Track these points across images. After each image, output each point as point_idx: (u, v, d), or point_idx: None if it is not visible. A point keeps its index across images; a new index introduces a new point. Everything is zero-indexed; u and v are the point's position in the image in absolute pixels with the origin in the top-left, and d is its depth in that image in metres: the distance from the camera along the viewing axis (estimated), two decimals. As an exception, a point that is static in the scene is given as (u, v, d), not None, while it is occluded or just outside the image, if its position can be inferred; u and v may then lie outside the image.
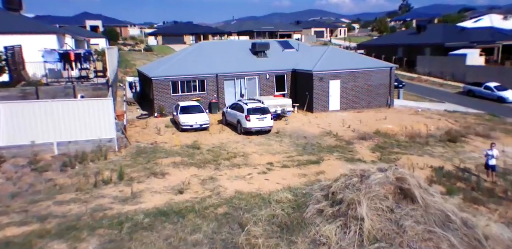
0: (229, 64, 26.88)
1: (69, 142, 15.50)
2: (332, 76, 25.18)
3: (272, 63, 27.85)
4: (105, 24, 71.57)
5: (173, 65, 25.73)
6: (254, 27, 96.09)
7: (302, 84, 26.37)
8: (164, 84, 24.70)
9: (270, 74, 26.99)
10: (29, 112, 14.86)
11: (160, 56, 54.66)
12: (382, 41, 62.50)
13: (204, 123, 20.54)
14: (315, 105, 25.25)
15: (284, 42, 30.79)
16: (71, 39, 25.20)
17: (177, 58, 26.82)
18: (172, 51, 72.05)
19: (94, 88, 20.00)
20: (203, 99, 25.72)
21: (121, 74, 35.47)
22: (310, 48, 30.04)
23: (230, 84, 26.53)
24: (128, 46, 69.49)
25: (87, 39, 38.21)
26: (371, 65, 26.26)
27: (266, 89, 27.21)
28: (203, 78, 25.60)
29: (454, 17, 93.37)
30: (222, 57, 27.60)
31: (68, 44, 21.54)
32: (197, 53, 27.71)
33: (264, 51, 28.47)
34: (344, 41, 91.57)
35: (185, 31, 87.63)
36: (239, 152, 16.93)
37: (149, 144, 17.89)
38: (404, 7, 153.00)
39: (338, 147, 18.10)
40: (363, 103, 26.14)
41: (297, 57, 28.63)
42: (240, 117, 19.86)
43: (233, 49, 28.96)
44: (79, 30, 42.60)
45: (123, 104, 24.76)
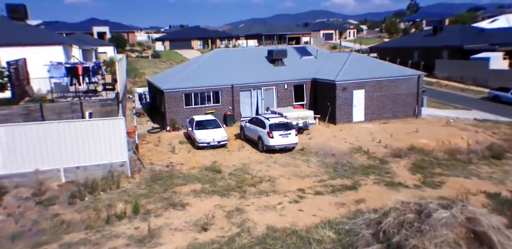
0: (245, 74, 25.31)
1: (77, 168, 13.98)
2: (356, 85, 23.48)
3: (290, 72, 26.22)
4: (112, 30, 70.53)
5: (186, 76, 24.20)
6: (263, 30, 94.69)
7: (323, 94, 24.70)
8: (176, 96, 23.18)
9: (288, 84, 25.36)
10: (33, 135, 13.37)
11: (169, 63, 53.36)
12: (395, 43, 60.56)
13: (222, 140, 18.94)
14: (338, 117, 23.55)
15: (301, 48, 29.15)
16: (78, 49, 23.85)
17: (190, 68, 25.29)
18: (180, 57, 70.88)
19: (103, 104, 18.48)
20: (218, 111, 24.16)
21: (130, 84, 34.07)
22: (330, 55, 28.37)
23: (246, 95, 24.94)
24: (136, 53, 68.37)
25: (95, 48, 36.95)
26: (398, 73, 24.51)
27: (284, 99, 25.57)
28: (218, 89, 24.04)
29: (467, 17, 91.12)
30: (238, 66, 26.04)
31: (75, 56, 20.09)
32: (211, 63, 26.16)
33: (282, 59, 26.86)
34: (354, 43, 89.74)
35: (193, 35, 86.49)
36: (265, 175, 15.28)
37: (165, 166, 16.32)
38: (412, 7, 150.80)
39: (372, 168, 16.38)
40: (389, 114, 24.38)
41: (316, 65, 26.98)
42: (262, 133, 18.23)
43: (248, 58, 27.39)
44: (87, 38, 41.37)
45: (133, 117, 23.26)
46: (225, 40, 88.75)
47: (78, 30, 70.85)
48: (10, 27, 22.42)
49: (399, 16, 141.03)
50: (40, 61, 19.60)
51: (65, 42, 22.75)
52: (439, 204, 10.05)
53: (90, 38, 43.75)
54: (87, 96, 20.01)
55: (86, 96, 20.13)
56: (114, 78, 22.21)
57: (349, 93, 23.45)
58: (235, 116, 24.45)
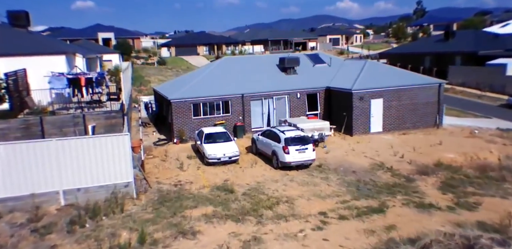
0: (255, 83, 24.14)
1: (78, 190, 12.79)
2: (373, 94, 22.20)
3: (303, 80, 25.02)
4: (117, 37, 69.89)
5: (194, 86, 23.06)
6: (269, 35, 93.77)
7: (338, 103, 23.44)
8: (184, 106, 22.03)
9: (301, 92, 24.14)
10: (29, 154, 12.21)
11: (175, 71, 52.42)
12: (406, 49, 59.23)
13: (234, 155, 17.69)
14: (354, 127, 22.26)
15: (314, 56, 27.95)
16: (82, 58, 22.81)
17: (198, 77, 24.15)
18: (185, 63, 70.03)
19: (107, 117, 17.35)
20: (228, 121, 22.97)
21: (135, 92, 33.02)
22: (344, 63, 27.14)
23: (257, 105, 23.74)
24: (141, 59, 67.59)
25: (100, 56, 36.00)
26: (418, 81, 23.20)
27: (296, 109, 24.33)
28: (228, 99, 22.87)
29: (476, 21, 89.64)
30: (248, 75, 24.89)
31: (78, 66, 18.98)
32: (220, 71, 25.03)
33: (294, 67, 25.66)
34: (362, 48, 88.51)
35: (198, 41, 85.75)
36: (282, 196, 14.00)
37: (173, 186, 15.08)
38: (419, 11, 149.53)
39: (398, 186, 15.03)
40: (409, 124, 23.04)
41: (330, 73, 25.76)
42: (276, 148, 16.96)
43: (259, 66, 26.23)
44: (91, 45, 40.50)
45: (138, 129, 22.12)
46: (231, 46, 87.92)
47: (83, 36, 70.30)
48: (11, 35, 21.43)
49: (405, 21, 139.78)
50: (41, 71, 18.53)
51: (68, 51, 21.70)
52: (492, 239, 8.75)
53: (95, 45, 42.86)
54: (90, 108, 18.89)
55: (89, 107, 19.01)
56: (119, 87, 21.15)
57: (367, 103, 22.17)
58: (245, 127, 23.25)
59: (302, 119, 22.62)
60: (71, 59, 21.99)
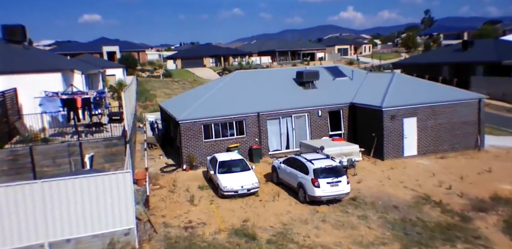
0: (272, 99, 21.85)
1: (67, 241, 10.40)
2: (406, 112, 19.76)
3: (324, 95, 22.68)
4: (122, 50, 68.38)
5: (204, 104, 20.80)
6: (276, 46, 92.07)
7: (365, 122, 21.02)
8: (194, 128, 19.74)
9: (322, 110, 21.77)
10: (8, 200, 9.88)
11: (181, 83, 50.40)
12: (421, 59, 56.90)
13: (253, 187, 15.25)
14: (386, 151, 19.76)
15: (334, 69, 25.64)
16: (80, 75, 20.72)
17: (208, 94, 21.90)
18: (192, 76, 68.14)
19: (107, 144, 15.05)
20: (242, 144, 20.62)
21: (140, 109, 30.86)
22: (367, 76, 24.79)
23: (274, 124, 21.39)
24: (147, 72, 65.86)
25: (103, 70, 34.08)
26: (455, 96, 20.71)
27: (318, 128, 21.93)
28: (242, 118, 20.56)
29: (489, 30, 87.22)
30: (263, 91, 22.62)
31: (74, 85, 16.78)
32: (232, 87, 22.79)
33: (313, 81, 23.37)
34: (372, 58, 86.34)
35: (205, 53, 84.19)
36: (315, 245, 11.48)
37: (182, 229, 12.63)
38: (427, 20, 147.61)
39: (454, 228, 12.47)
40: (446, 146, 20.50)
41: (353, 87, 23.43)
42: (303, 180, 14.50)
43: (274, 80, 23.97)
44: (94, 59, 38.66)
45: (143, 154, 19.80)
46: (238, 57, 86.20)
47: (88, 50, 68.98)
48: (2, 51, 19.40)
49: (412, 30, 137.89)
50: (35, 91, 16.35)
51: (65, 68, 19.59)
52: None
53: (98, 60, 41.01)
54: (89, 132, 16.61)
55: (88, 131, 16.73)
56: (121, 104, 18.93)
57: (399, 122, 19.71)
58: (262, 149, 20.85)
59: (326, 141, 20.19)
60: (68, 77, 19.86)
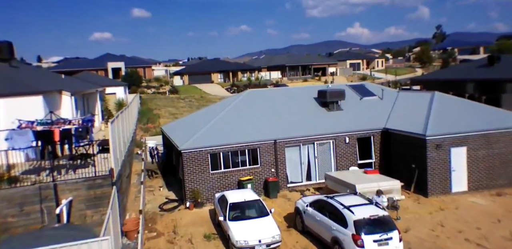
0: (290, 123, 18.74)
1: None
2: (454, 141, 16.45)
3: (351, 118, 19.52)
4: (128, 66, 66.28)
5: (212, 129, 17.73)
6: (286, 61, 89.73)
7: (401, 151, 17.74)
8: (199, 158, 16.63)
9: (350, 136, 18.56)
10: None
11: (188, 101, 47.61)
12: (442, 75, 53.48)
13: (274, 241, 11.90)
14: (430, 186, 16.37)
15: (359, 87, 22.53)
16: (69, 96, 17.84)
17: (216, 117, 18.83)
18: (199, 92, 65.54)
19: (90, 185, 11.96)
20: (256, 176, 17.44)
21: (140, 131, 27.89)
22: (399, 95, 21.62)
23: (293, 152, 18.22)
24: (152, 89, 63.45)
25: (102, 89, 31.38)
26: (510, 121, 17.36)
27: (344, 156, 18.67)
28: (256, 146, 17.43)
29: (508, 45, 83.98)
30: (280, 113, 19.55)
31: (55, 113, 13.81)
32: (244, 108, 19.76)
33: (337, 101, 20.25)
34: (386, 74, 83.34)
35: (212, 68, 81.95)
36: None
37: None
38: (438, 35, 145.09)
39: None
40: (503, 180, 17.03)
41: (384, 108, 20.25)
42: (340, 235, 11.15)
43: (292, 100, 20.91)
44: (93, 77, 36.04)
45: (139, 190, 16.62)
46: (247, 73, 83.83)
47: (93, 67, 67.16)
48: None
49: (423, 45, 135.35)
50: (9, 118, 13.47)
51: (50, 89, 16.72)
52: None
53: (97, 77, 38.41)
54: (72, 167, 13.54)
55: (71, 166, 13.67)
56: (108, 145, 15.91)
57: (445, 152, 16.38)
58: (279, 183, 17.61)
59: (357, 173, 16.88)
60: (53, 100, 16.99)
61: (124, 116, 19.36)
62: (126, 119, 19.06)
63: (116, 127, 12.33)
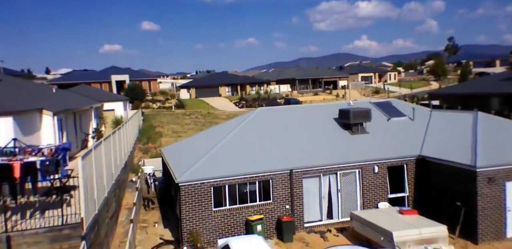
0: (308, 149, 15.96)
1: None
2: (510, 174, 13.49)
3: (379, 143, 16.68)
4: (133, 79, 64.38)
5: (216, 156, 15.01)
6: (295, 74, 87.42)
7: (442, 184, 14.80)
8: (200, 192, 13.90)
9: (380, 165, 15.69)
10: None
11: (194, 117, 45.08)
12: (462, 89, 50.55)
13: None
14: (481, 229, 13.36)
15: (385, 105, 19.71)
16: (51, 117, 15.34)
17: (221, 142, 16.11)
18: (206, 106, 63.12)
19: (54, 238, 9.23)
20: (268, 214, 14.62)
21: (139, 153, 25.26)
22: (432, 115, 18.73)
23: (311, 184, 15.38)
24: (157, 103, 61.24)
25: (100, 105, 29.05)
26: None
27: (372, 189, 15.76)
28: (268, 177, 14.66)
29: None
30: (295, 136, 16.80)
31: (20, 141, 11.19)
32: (253, 131, 17.04)
33: (362, 123, 17.45)
34: (400, 87, 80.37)
35: (220, 81, 79.83)
36: None
37: None
38: (450, 48, 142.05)
39: None
40: None
41: (417, 131, 17.39)
42: None
43: (309, 121, 18.15)
44: (91, 91, 33.72)
45: (129, 227, 13.82)
46: (255, 86, 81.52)
47: (98, 80, 65.51)
48: None
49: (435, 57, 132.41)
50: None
51: (25, 109, 14.21)
52: None
53: (96, 91, 36.07)
54: (41, 206, 10.86)
55: (41, 205, 10.99)
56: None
57: (499, 188, 13.42)
58: (295, 222, 14.72)
59: (390, 214, 13.93)
60: (29, 121, 14.47)
61: (117, 138, 16.79)
62: (119, 141, 16.54)
63: (93, 160, 9.70)
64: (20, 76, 66.25)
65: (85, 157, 8.74)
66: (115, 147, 16.51)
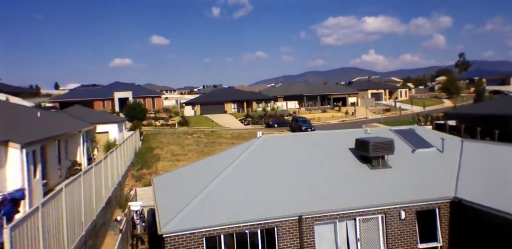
0: (321, 189, 13.45)
1: None
2: None
3: (404, 182, 14.11)
4: (136, 96, 62.68)
5: (210, 199, 12.55)
6: (304, 90, 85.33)
7: (486, 235, 12.12)
8: (189, 245, 11.40)
9: (407, 209, 13.08)
10: None
11: (196, 137, 42.76)
12: (481, 109, 47.87)
13: None
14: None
15: (408, 133, 17.18)
16: (19, 150, 13.04)
17: (216, 179, 13.65)
18: (211, 123, 61.00)
19: None
20: (273, 269, 11.98)
21: (131, 180, 22.85)
22: (466, 146, 16.13)
23: (326, 232, 12.80)
24: (160, 120, 59.23)
25: (93, 127, 26.91)
26: None
27: (399, 239, 13.11)
28: (272, 224, 12.15)
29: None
30: (305, 171, 14.31)
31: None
32: (255, 163, 14.60)
33: (384, 156, 14.93)
34: (412, 105, 77.69)
35: (226, 98, 77.93)
36: None
37: None
38: (461, 64, 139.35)
39: None
40: None
41: (449, 166, 14.83)
42: None
43: (321, 151, 15.68)
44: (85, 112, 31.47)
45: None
46: (262, 103, 79.44)
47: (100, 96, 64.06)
48: None
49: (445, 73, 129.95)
50: None
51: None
52: None
53: (90, 112, 33.68)
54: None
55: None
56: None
57: None
58: (306, 280, 12.08)
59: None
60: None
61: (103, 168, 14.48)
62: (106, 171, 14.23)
63: (64, 202, 7.27)
64: (23, 93, 65.00)
65: (14, 229, 6.27)
66: (98, 181, 14.20)
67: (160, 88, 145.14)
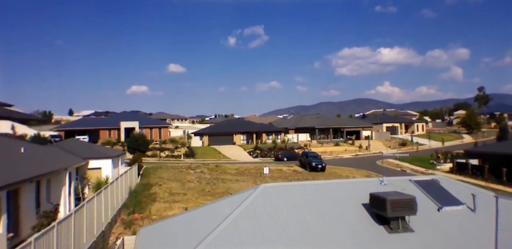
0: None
1: None
2: None
3: (428, 247, 11.55)
4: (142, 126, 61.53)
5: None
6: (316, 123, 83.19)
7: None
8: None
9: (435, 287, 10.45)
10: None
11: (199, 171, 40.58)
12: (507, 147, 44.84)
13: None
14: None
15: (431, 185, 14.73)
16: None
17: (208, 238, 11.35)
18: (217, 155, 59.01)
19: None
20: None
21: (121, 227, 20.52)
22: (503, 204, 13.58)
23: None
24: (166, 151, 57.53)
25: (84, 162, 25.16)
26: None
27: None
28: None
29: None
30: (308, 235, 11.90)
31: None
32: (252, 221, 12.28)
33: (404, 216, 12.47)
34: (429, 139, 74.53)
35: (235, 129, 76.29)
36: None
37: None
38: (481, 98, 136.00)
39: None
40: None
41: (483, 229, 12.29)
42: None
43: (327, 208, 13.30)
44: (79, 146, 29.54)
45: None
46: (272, 134, 77.44)
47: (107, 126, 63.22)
48: None
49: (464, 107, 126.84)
50: None
51: None
52: None
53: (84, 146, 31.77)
54: None
55: None
56: None
57: None
58: None
59: None
60: None
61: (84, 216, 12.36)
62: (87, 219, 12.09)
63: None
64: (32, 121, 64.65)
65: None
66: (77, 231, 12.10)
67: (171, 116, 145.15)
